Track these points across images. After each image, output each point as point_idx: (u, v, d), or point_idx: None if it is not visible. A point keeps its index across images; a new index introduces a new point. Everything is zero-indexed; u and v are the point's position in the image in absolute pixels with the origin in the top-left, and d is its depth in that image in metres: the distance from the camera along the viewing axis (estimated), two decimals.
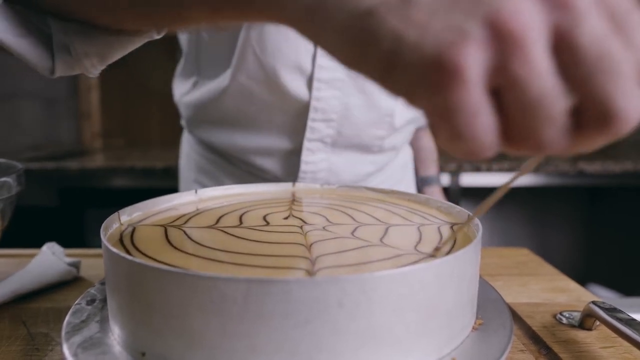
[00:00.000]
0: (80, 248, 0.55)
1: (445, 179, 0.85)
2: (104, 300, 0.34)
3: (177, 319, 0.25)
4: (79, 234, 1.63)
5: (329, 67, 0.55)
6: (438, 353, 0.27)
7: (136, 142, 2.70)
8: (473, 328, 0.30)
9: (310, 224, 0.36)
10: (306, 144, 0.59)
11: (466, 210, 0.38)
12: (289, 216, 0.39)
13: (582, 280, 0.48)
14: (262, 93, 0.57)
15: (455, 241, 0.33)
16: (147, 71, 3.10)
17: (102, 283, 0.38)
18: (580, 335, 0.36)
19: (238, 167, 0.66)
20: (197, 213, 0.40)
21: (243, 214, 0.40)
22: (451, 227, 0.36)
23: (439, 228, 0.36)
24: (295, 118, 0.58)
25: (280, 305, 0.23)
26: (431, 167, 0.86)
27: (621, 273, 1.71)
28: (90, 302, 0.34)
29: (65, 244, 0.51)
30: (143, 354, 0.26)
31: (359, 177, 0.66)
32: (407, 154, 0.79)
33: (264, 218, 0.38)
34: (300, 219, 0.38)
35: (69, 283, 0.45)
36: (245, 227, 0.35)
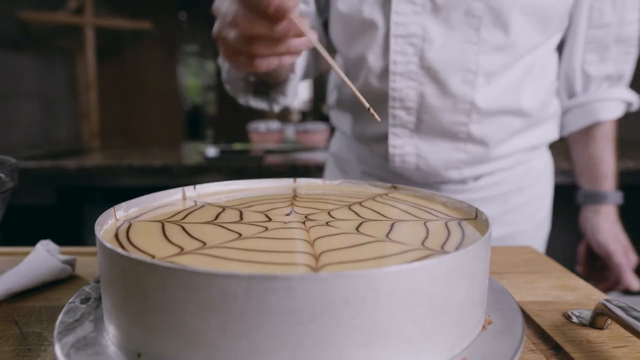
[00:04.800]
0: (77, 246, 0.54)
1: None
2: (99, 299, 0.33)
3: (175, 317, 0.23)
4: (76, 232, 1.62)
5: (401, 61, 0.62)
6: (448, 353, 0.25)
7: (135, 141, 2.68)
8: (483, 327, 0.29)
9: (313, 220, 0.35)
10: (391, 130, 0.66)
11: (474, 206, 0.36)
12: (290, 212, 0.38)
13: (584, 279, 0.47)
14: (360, 91, 0.68)
15: (463, 236, 0.32)
16: (145, 70, 3.09)
17: (97, 281, 0.36)
18: (592, 334, 0.35)
19: (362, 149, 0.75)
20: (196, 209, 0.39)
21: (243, 209, 0.38)
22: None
23: (446, 224, 0.35)
24: (380, 107, 0.65)
25: (283, 302, 0.22)
26: (602, 182, 0.76)
27: None
28: (85, 300, 0.33)
29: (62, 242, 0.49)
30: (139, 355, 0.25)
31: (449, 163, 0.66)
32: (538, 163, 0.75)
33: (265, 214, 0.37)
34: (303, 215, 0.37)
35: (64, 281, 0.44)
36: (246, 223, 0.34)
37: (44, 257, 0.43)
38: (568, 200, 0.85)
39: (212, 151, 1.82)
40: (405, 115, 0.64)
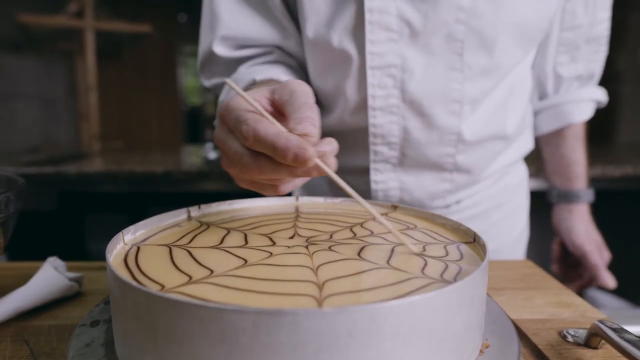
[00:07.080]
0: (82, 261, 0.55)
1: None
2: (109, 321, 0.34)
3: (184, 348, 0.24)
4: (78, 238, 1.62)
5: (380, 95, 0.57)
6: None
7: (134, 143, 2.69)
8: (480, 351, 0.30)
9: (316, 244, 0.36)
10: (372, 165, 0.62)
11: (472, 229, 0.37)
12: (294, 235, 0.39)
13: None
14: (334, 124, 0.63)
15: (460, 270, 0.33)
16: (145, 72, 3.09)
17: (106, 302, 0.37)
18: (587, 354, 0.36)
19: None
20: (201, 231, 0.40)
21: (248, 232, 0.39)
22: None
23: (445, 247, 0.36)
24: (360, 142, 0.61)
25: (289, 336, 0.23)
26: (575, 181, 0.76)
27: (622, 278, 1.71)
28: (95, 323, 0.34)
29: (64, 248, 0.50)
30: None
31: (434, 194, 0.64)
32: (514, 177, 0.74)
33: (269, 237, 0.38)
34: (306, 238, 0.38)
35: (71, 298, 0.45)
36: (251, 248, 0.35)
37: (52, 275, 0.44)
38: (540, 202, 0.86)
39: (213, 154, 1.84)
40: (387, 151, 0.61)
